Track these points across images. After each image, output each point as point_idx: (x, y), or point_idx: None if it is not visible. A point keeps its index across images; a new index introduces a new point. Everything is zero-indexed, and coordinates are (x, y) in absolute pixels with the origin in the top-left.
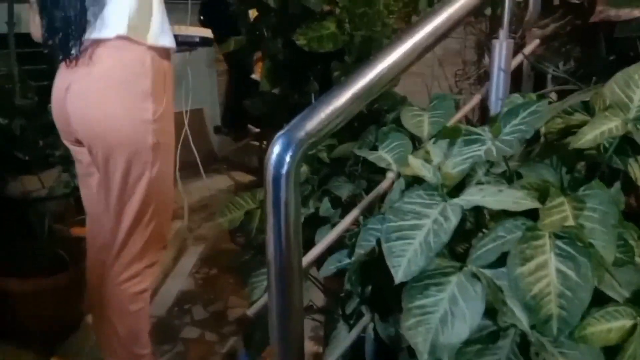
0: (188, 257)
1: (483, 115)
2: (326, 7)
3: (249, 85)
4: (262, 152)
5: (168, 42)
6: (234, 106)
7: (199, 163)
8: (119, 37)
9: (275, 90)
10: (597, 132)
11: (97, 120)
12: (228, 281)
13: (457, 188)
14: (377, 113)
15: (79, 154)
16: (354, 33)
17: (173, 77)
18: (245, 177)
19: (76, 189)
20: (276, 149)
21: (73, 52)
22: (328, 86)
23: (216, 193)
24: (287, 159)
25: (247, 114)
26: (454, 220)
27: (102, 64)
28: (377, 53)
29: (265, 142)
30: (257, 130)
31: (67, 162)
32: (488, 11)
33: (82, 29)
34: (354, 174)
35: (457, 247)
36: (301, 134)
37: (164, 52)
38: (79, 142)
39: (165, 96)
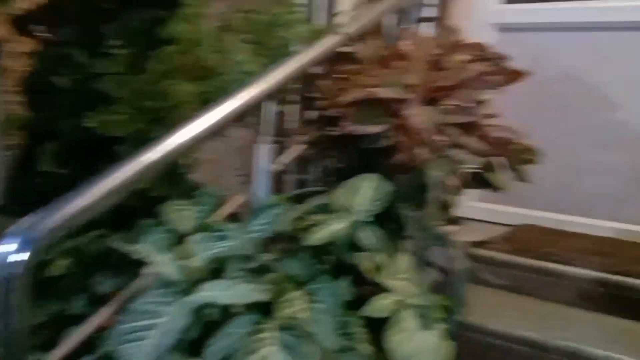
0: None
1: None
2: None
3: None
4: None
5: None
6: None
7: None
8: None
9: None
10: (326, 231)
11: None
12: None
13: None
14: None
15: None
16: None
17: None
18: None
19: None
20: (4, 247)
21: None
22: None
23: None
24: (18, 259)
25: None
26: (181, 320)
27: None
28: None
29: None
30: None
31: None
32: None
33: None
34: (119, 267)
35: (206, 340)
36: (40, 231)
37: None
38: None
39: None
